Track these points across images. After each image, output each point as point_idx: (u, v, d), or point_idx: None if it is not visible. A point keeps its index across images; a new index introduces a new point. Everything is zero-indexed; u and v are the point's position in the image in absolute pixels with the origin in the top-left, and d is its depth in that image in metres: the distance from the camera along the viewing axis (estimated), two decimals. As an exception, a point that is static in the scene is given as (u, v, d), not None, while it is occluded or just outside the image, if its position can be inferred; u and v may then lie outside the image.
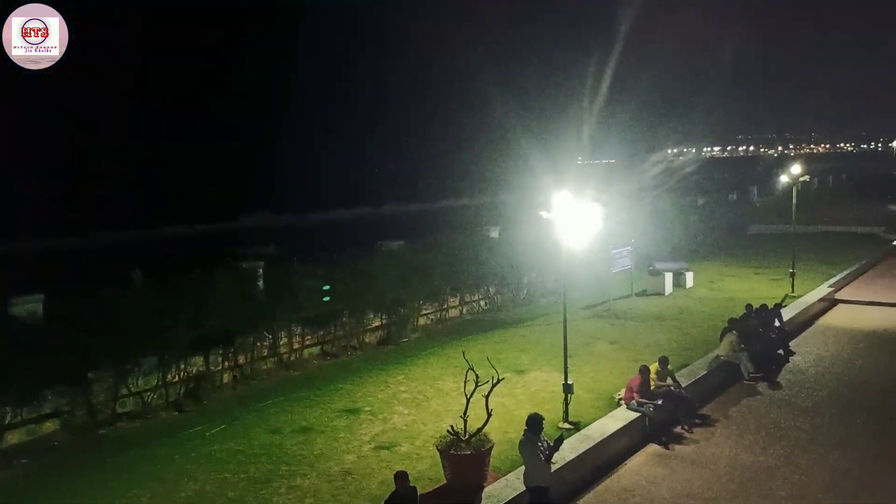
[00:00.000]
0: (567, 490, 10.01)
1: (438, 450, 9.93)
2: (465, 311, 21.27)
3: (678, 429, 12.41)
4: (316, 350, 16.89)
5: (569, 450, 10.34)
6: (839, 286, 23.69)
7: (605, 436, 11.25)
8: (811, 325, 19.83)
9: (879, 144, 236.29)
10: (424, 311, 19.87)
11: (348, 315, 17.37)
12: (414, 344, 17.82)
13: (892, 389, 14.31)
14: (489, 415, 9.89)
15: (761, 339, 16.12)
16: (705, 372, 14.56)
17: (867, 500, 9.80)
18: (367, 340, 17.87)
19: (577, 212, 11.75)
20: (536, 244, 21.63)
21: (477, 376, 9.97)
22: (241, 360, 15.26)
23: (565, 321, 12.35)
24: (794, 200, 25.17)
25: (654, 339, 17.48)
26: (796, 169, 26.78)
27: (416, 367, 15.50)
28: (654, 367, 13.11)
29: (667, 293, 23.09)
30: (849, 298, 22.58)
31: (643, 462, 11.35)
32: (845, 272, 25.32)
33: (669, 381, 13.14)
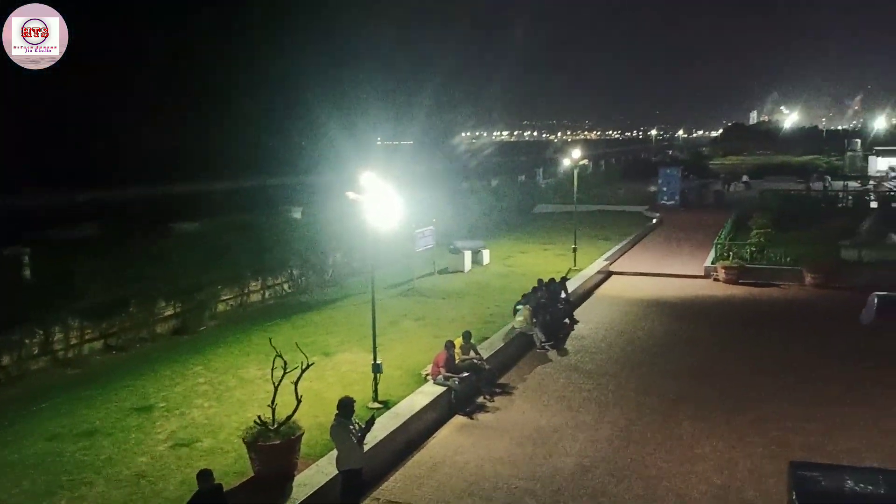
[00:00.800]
0: (380, 468, 10.10)
1: (245, 442, 9.47)
2: (267, 294, 20.49)
3: (481, 399, 13.08)
4: (99, 344, 15.26)
5: (380, 429, 10.40)
6: (613, 259, 26.46)
7: (414, 412, 11.51)
8: (591, 295, 21.95)
9: (640, 132, 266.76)
10: (224, 297, 18.79)
11: (136, 304, 15.90)
12: (213, 332, 16.81)
13: (657, 349, 16.29)
14: (298, 401, 9.60)
15: (550, 310, 17.49)
16: (503, 344, 15.48)
17: (633, 452, 11.05)
18: (158, 331, 16.50)
19: (383, 192, 11.76)
20: (341, 224, 21.46)
21: (285, 362, 9.62)
22: (6, 360, 13.32)
23: (373, 301, 12.37)
24: (576, 182, 27.56)
25: (457, 314, 18.21)
26: (576, 153, 29.38)
27: (216, 357, 14.63)
28: (458, 341, 13.65)
29: (466, 270, 24.16)
30: (621, 270, 25.32)
31: (450, 433, 11.80)
32: (617, 246, 28.32)
33: (473, 354, 13.79)
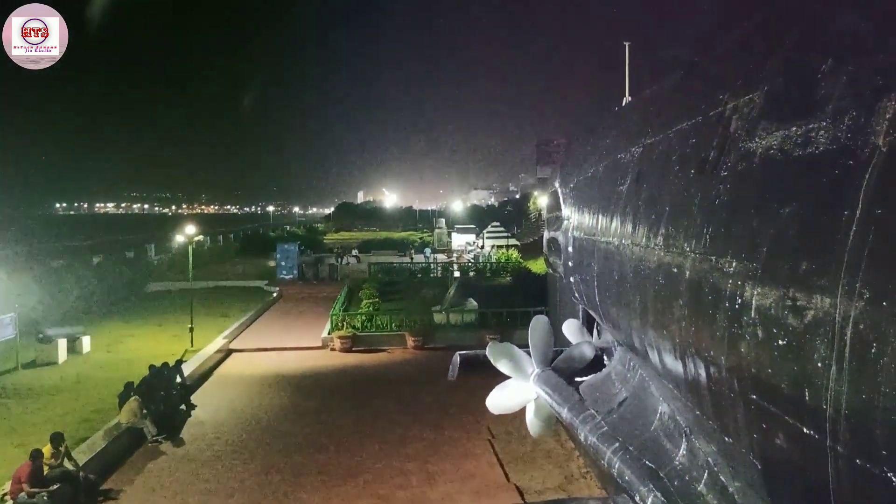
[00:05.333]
0: None
1: None
2: None
3: (78, 513, 11.31)
4: None
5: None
6: (233, 336, 25.87)
7: (-16, 546, 9.38)
8: (210, 376, 21.00)
9: (259, 208, 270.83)
10: None
11: None
12: None
13: (278, 425, 16.27)
14: None
15: (164, 398, 16.20)
16: (106, 443, 13.74)
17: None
18: None
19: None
20: None
21: None
22: None
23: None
24: (191, 258, 26.49)
25: (46, 415, 15.60)
26: (191, 228, 28.37)
27: None
28: (47, 448, 11.67)
29: (61, 361, 20.99)
30: (241, 347, 24.86)
31: (35, 563, 9.88)
32: (237, 323, 27.83)
33: (66, 461, 11.90)
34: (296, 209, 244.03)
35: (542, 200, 65.83)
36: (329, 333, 25.57)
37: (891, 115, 3.02)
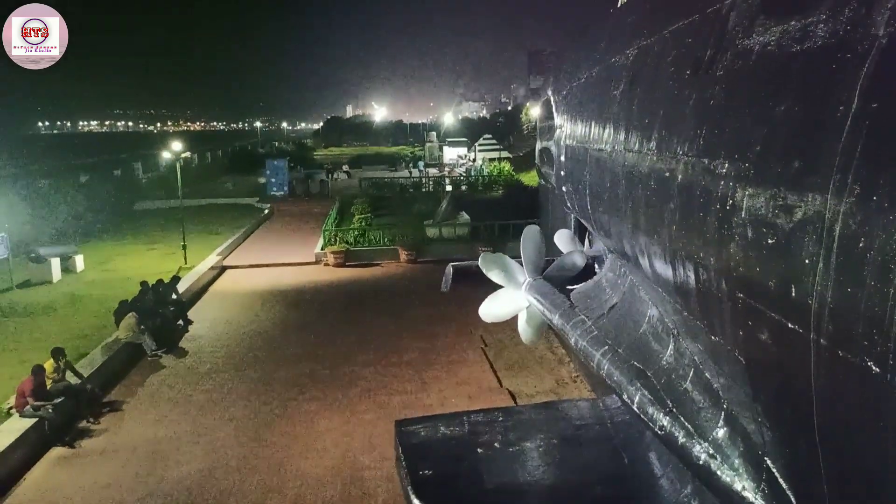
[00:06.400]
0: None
1: None
2: None
3: (84, 423, 11.67)
4: None
5: (-55, 486, 8.52)
6: (226, 253, 25.96)
7: (-6, 456, 9.70)
8: (205, 293, 21.22)
9: (245, 124, 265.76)
10: None
11: None
12: None
13: (275, 338, 16.58)
14: None
15: (160, 314, 16.41)
16: (106, 357, 14.00)
17: (259, 443, 11.23)
18: None
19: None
20: None
21: None
22: None
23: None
24: (179, 176, 26.20)
25: (45, 332, 15.82)
26: (178, 145, 27.92)
27: None
28: (49, 364, 11.90)
29: (55, 280, 21.10)
30: (235, 264, 25.01)
31: (46, 470, 10.27)
32: (230, 240, 27.85)
33: (69, 374, 12.17)
34: (284, 125, 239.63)
35: (534, 111, 64.86)
36: (322, 249, 25.69)
37: (892, 4, 2.92)
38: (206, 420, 11.95)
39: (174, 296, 18.04)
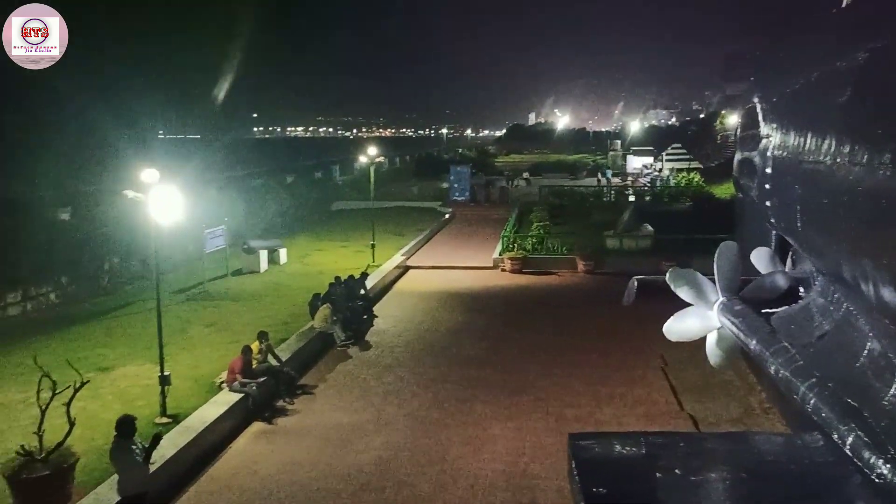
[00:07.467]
0: (169, 487, 9.45)
1: (5, 477, 8.34)
2: (30, 307, 18.14)
3: (281, 403, 12.78)
4: None
5: (169, 445, 9.74)
6: (410, 254, 27.20)
7: (207, 424, 10.92)
8: (390, 290, 22.38)
9: (432, 131, 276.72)
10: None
11: None
12: (-41, 354, 14.52)
13: (451, 339, 17.03)
14: (72, 425, 8.66)
15: (349, 307, 17.56)
16: (302, 344, 15.24)
17: (433, 439, 11.55)
18: None
19: (167, 190, 10.99)
20: (119, 226, 19.69)
21: (53, 382, 8.62)
22: None
23: (159, 307, 11.51)
24: (372, 179, 27.89)
25: (252, 317, 17.56)
26: (372, 150, 29.74)
27: (-36, 383, 12.67)
28: (255, 345, 13.19)
29: (262, 270, 23.40)
30: (417, 264, 26.12)
31: (248, 442, 11.38)
32: (413, 242, 29.16)
33: (270, 357, 13.41)
34: (468, 132, 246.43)
35: (731, 119, 60.68)
36: (500, 254, 25.98)
37: None
38: (387, 411, 12.55)
39: (362, 291, 19.20)
